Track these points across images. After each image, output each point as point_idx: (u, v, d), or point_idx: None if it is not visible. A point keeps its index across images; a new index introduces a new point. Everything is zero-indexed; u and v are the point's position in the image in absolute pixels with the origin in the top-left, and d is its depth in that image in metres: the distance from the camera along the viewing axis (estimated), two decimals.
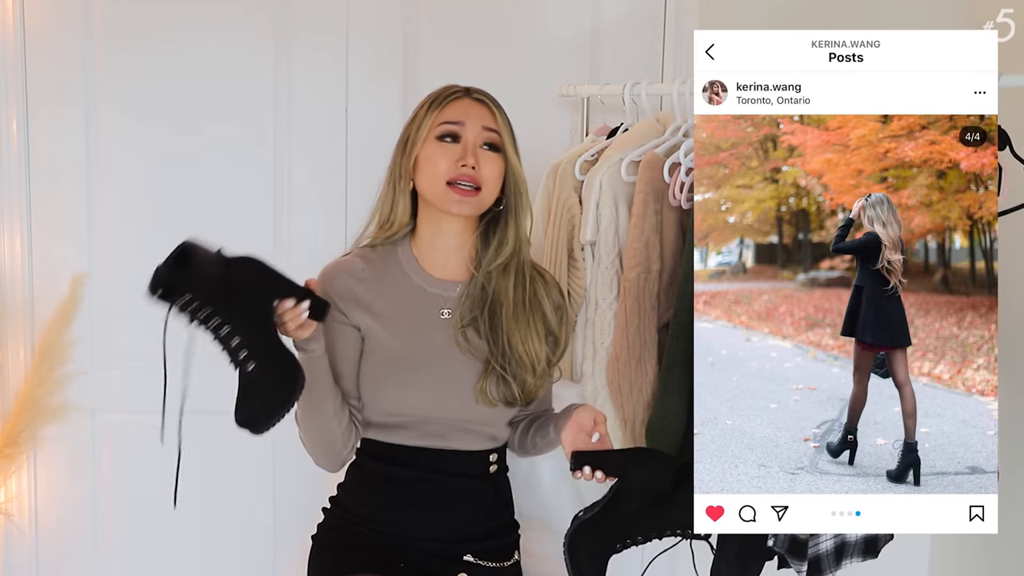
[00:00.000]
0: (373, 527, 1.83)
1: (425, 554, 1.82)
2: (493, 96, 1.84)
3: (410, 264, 1.84)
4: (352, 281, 1.81)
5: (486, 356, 1.79)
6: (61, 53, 2.56)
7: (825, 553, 1.96)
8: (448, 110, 1.79)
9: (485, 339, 1.79)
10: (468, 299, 1.81)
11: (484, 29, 2.61)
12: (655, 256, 2.07)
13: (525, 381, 1.80)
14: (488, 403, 1.78)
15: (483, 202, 1.78)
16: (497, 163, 1.79)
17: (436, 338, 1.80)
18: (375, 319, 1.80)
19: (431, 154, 1.77)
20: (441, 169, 1.76)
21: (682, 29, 2.54)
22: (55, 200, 2.60)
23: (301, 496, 2.05)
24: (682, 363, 2.02)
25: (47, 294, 2.60)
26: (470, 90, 1.83)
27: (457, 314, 1.81)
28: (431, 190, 1.77)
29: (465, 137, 1.78)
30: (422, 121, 1.79)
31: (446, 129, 1.78)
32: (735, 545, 1.95)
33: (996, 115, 1.71)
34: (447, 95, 1.81)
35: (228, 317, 1.55)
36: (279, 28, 2.59)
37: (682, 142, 2.10)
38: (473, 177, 1.75)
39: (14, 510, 2.64)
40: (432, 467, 1.81)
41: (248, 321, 1.57)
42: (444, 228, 1.82)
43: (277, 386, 1.58)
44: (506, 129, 1.81)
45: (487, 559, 1.84)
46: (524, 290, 1.82)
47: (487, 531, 1.85)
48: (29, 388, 2.55)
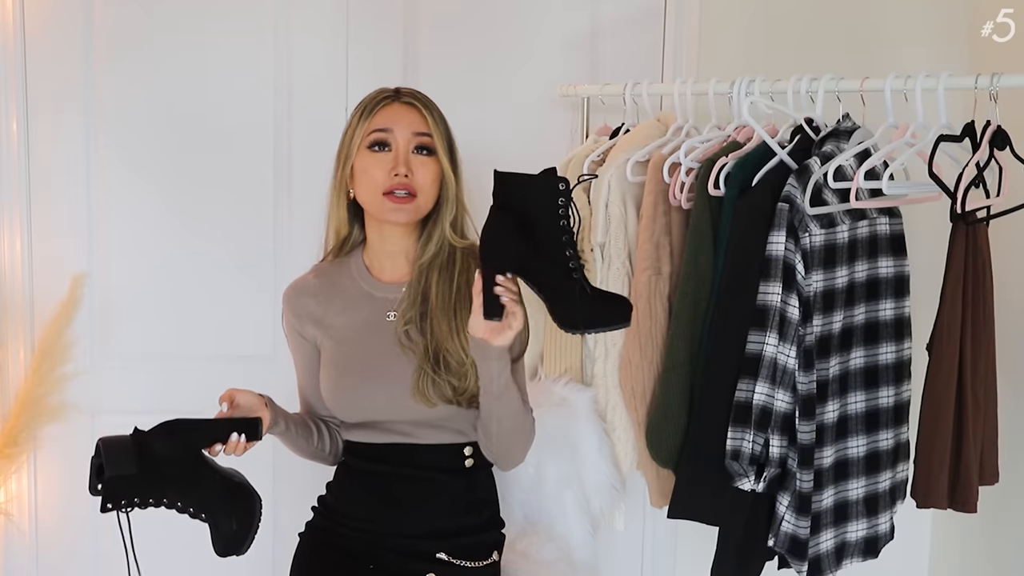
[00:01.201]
0: (349, 524, 1.86)
1: (397, 552, 1.83)
2: (424, 96, 1.83)
3: (360, 272, 1.88)
4: (305, 298, 1.89)
5: (422, 354, 1.79)
6: (61, 53, 2.56)
7: (825, 553, 1.96)
8: (377, 118, 1.79)
9: (421, 336, 1.80)
10: (407, 299, 1.83)
11: (484, 29, 2.61)
12: (665, 258, 2.07)
13: (455, 379, 1.77)
14: (427, 403, 1.78)
15: (420, 208, 1.80)
16: (431, 167, 1.79)
17: (383, 341, 1.83)
18: (327, 330, 1.87)
19: (365, 165, 1.78)
20: (376, 180, 1.77)
21: (682, 29, 2.54)
22: (55, 200, 2.60)
23: (301, 496, 2.05)
24: (682, 363, 2.02)
25: (47, 294, 2.59)
26: (400, 92, 1.83)
27: (400, 314, 1.83)
28: (369, 201, 1.80)
29: (396, 144, 1.78)
30: (354, 131, 1.80)
31: (376, 137, 1.78)
32: (735, 545, 1.95)
33: None
34: (376, 101, 1.80)
35: (166, 495, 1.68)
36: (279, 28, 2.59)
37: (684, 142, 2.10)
38: (407, 185, 1.77)
39: (14, 510, 2.64)
40: (404, 462, 1.83)
41: (183, 488, 1.69)
42: (387, 234, 1.84)
43: (235, 521, 1.72)
44: (438, 130, 1.80)
45: (461, 557, 1.84)
46: (451, 283, 1.82)
47: (460, 527, 1.86)
48: (29, 388, 2.55)
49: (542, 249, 1.63)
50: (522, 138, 2.61)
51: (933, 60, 2.41)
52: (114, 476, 1.63)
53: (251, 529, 1.73)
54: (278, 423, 1.82)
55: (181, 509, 1.69)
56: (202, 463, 1.71)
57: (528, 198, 1.63)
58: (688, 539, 2.61)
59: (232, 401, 1.77)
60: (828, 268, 1.88)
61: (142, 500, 1.66)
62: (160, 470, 1.66)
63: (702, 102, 2.19)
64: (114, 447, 1.65)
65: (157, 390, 2.66)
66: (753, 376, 1.86)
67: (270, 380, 2.61)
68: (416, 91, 1.84)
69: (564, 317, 1.63)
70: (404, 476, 1.83)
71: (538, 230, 1.63)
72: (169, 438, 1.68)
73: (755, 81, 2.07)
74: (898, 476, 2.05)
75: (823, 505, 1.94)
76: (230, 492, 1.73)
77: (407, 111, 1.80)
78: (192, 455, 1.70)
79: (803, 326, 1.85)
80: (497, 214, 1.64)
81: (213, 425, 1.73)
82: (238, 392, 1.77)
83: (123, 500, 1.65)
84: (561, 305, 1.63)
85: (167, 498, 1.67)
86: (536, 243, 1.62)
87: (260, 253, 2.65)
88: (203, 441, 1.71)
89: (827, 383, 1.90)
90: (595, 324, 1.65)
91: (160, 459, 1.66)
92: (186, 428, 1.70)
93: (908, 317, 2.02)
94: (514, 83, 2.61)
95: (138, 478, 1.64)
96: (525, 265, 1.63)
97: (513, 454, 1.85)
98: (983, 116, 1.80)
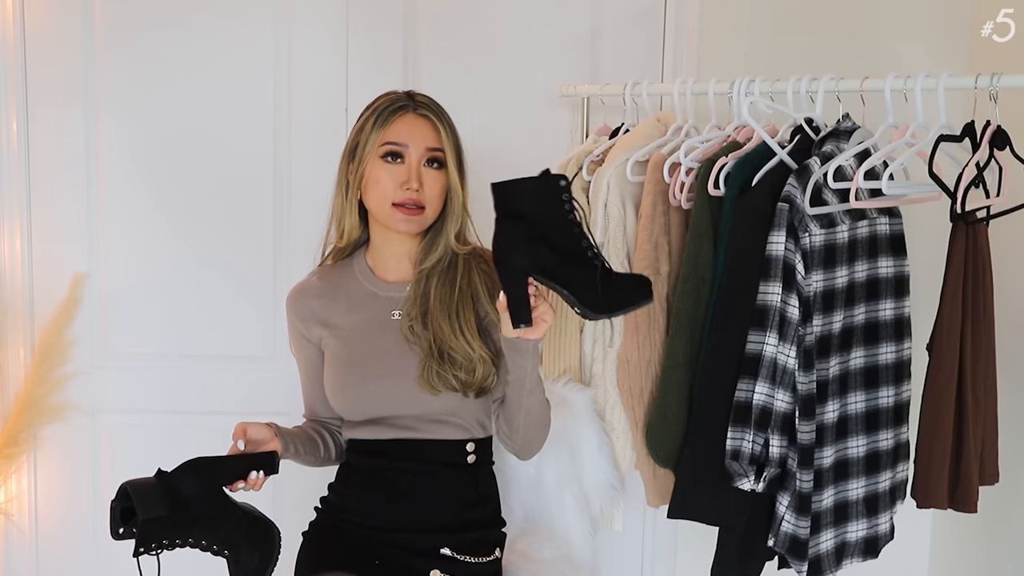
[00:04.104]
0: (353, 521, 1.88)
1: (401, 548, 1.85)
2: (437, 105, 1.85)
3: (363, 272, 1.91)
4: (309, 300, 1.92)
5: (427, 348, 1.83)
6: (61, 53, 2.56)
7: (825, 553, 1.96)
8: (392, 129, 1.80)
9: (425, 333, 1.83)
10: (411, 298, 1.87)
11: (484, 29, 2.61)
12: (664, 257, 2.07)
13: (461, 372, 1.81)
14: (432, 391, 1.81)
15: (427, 219, 1.84)
16: (440, 180, 1.82)
17: (388, 339, 1.86)
18: (331, 330, 1.89)
19: (377, 175, 1.81)
20: (386, 191, 1.80)
21: (682, 29, 2.54)
22: (55, 200, 2.60)
23: (301, 496, 2.06)
24: (682, 363, 2.02)
25: (47, 294, 2.60)
26: (414, 99, 1.84)
27: (404, 313, 1.86)
28: (378, 209, 1.83)
29: (408, 158, 1.81)
30: (368, 137, 1.81)
31: (389, 149, 1.81)
32: (735, 545, 1.95)
33: None
34: (391, 110, 1.81)
35: (192, 535, 1.70)
36: (279, 28, 2.59)
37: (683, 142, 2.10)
38: (417, 199, 1.80)
39: (14, 510, 2.64)
40: (408, 457, 1.85)
41: (208, 526, 1.71)
42: (392, 237, 1.87)
43: (257, 556, 1.75)
44: (450, 143, 1.83)
45: (464, 553, 1.86)
46: (453, 284, 1.85)
47: (464, 522, 1.88)
48: (29, 388, 2.55)
49: (557, 247, 1.65)
50: (522, 138, 2.61)
51: (933, 60, 2.41)
52: (147, 519, 1.64)
53: (272, 562, 1.77)
54: (288, 449, 1.85)
55: (206, 547, 1.72)
56: (225, 501, 1.74)
57: (532, 203, 1.65)
58: (688, 539, 2.61)
59: (245, 435, 1.79)
60: (828, 268, 1.88)
61: (170, 541, 1.68)
62: (187, 510, 1.68)
63: (702, 102, 2.19)
64: (144, 490, 1.66)
65: (157, 390, 2.67)
66: (753, 376, 1.86)
67: (270, 380, 2.63)
68: (430, 100, 1.85)
69: (591, 305, 1.65)
70: (409, 471, 1.85)
71: (549, 230, 1.65)
72: (194, 477, 1.70)
73: (755, 81, 2.07)
74: (898, 476, 2.05)
75: (823, 505, 1.94)
76: (251, 526, 1.76)
77: (421, 124, 1.81)
78: (215, 493, 1.72)
79: (803, 326, 1.85)
80: (504, 225, 1.65)
81: (235, 462, 1.75)
82: (249, 426, 1.80)
83: (153, 543, 1.67)
84: (585, 295, 1.65)
85: (192, 537, 1.70)
86: (550, 243, 1.65)
87: (260, 253, 2.65)
88: (226, 479, 1.74)
89: (827, 383, 1.90)
90: (621, 306, 1.67)
91: (187, 499, 1.68)
92: (209, 467, 1.72)
93: (908, 317, 2.02)
94: (514, 83, 2.61)
95: (168, 520, 1.66)
96: (544, 267, 1.65)
97: (537, 443, 1.91)
98: (983, 116, 1.80)
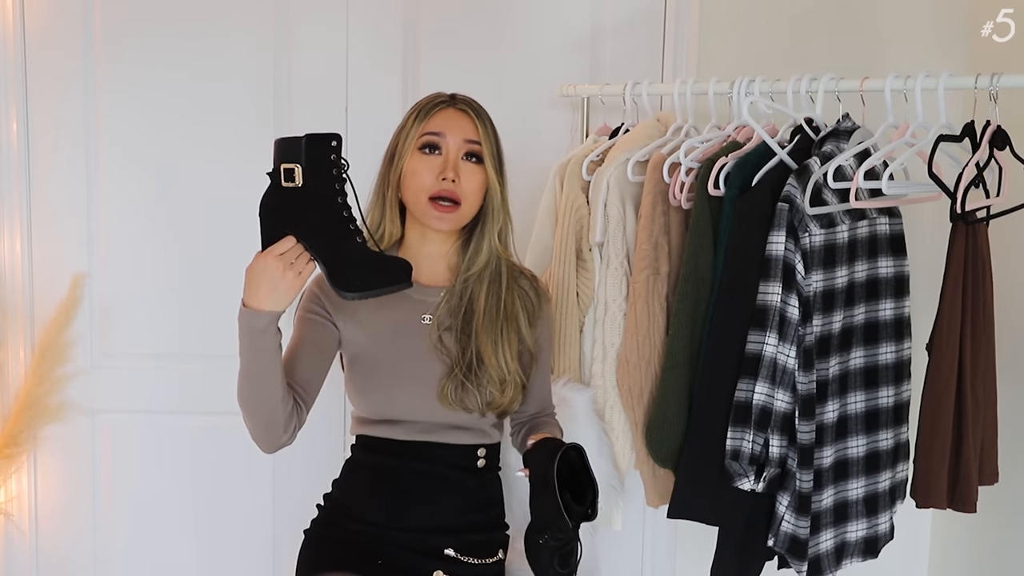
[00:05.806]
0: (357, 519, 1.86)
1: (404, 548, 1.83)
2: (478, 105, 1.84)
3: None
4: None
5: (456, 360, 1.81)
6: (61, 53, 2.56)
7: (825, 553, 1.96)
8: (431, 121, 1.80)
9: (459, 344, 1.82)
10: (446, 305, 1.84)
11: (484, 29, 2.61)
12: (663, 258, 2.07)
13: (490, 392, 1.80)
14: (449, 408, 1.80)
15: (463, 216, 1.81)
16: (478, 175, 1.80)
17: (417, 343, 1.83)
18: (359, 327, 1.84)
19: (415, 167, 1.79)
20: (423, 183, 1.78)
21: (682, 29, 2.54)
22: (55, 200, 2.60)
23: (301, 496, 2.06)
24: (682, 363, 2.02)
25: (47, 294, 2.59)
26: (455, 98, 1.84)
27: (436, 319, 1.84)
28: (414, 204, 1.81)
29: (446, 149, 1.79)
30: (408, 132, 1.81)
31: (427, 140, 1.79)
32: (735, 545, 1.95)
33: None
34: (432, 105, 1.81)
35: None
36: (279, 28, 2.59)
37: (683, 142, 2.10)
38: (453, 192, 1.77)
39: (14, 510, 2.64)
40: (420, 458, 1.84)
41: None
42: (429, 236, 1.85)
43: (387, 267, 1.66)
44: (488, 140, 1.81)
45: (468, 554, 1.86)
46: (499, 300, 1.84)
47: (470, 524, 1.87)
48: (29, 388, 2.55)
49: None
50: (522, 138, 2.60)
51: (933, 60, 2.41)
52: None
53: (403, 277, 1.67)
54: None
55: None
56: None
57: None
58: (688, 539, 2.61)
59: None
60: (828, 268, 1.88)
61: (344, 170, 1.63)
62: None
63: (702, 102, 2.19)
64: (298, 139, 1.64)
65: (157, 390, 2.67)
66: (753, 376, 1.86)
67: None
68: (471, 99, 1.85)
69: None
70: (418, 471, 1.84)
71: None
72: None
73: (755, 81, 2.07)
74: (898, 476, 2.05)
75: (823, 505, 1.94)
76: None
77: (460, 117, 1.81)
78: None
79: (803, 326, 1.85)
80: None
81: None
82: None
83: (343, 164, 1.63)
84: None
85: None
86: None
87: None
88: None
89: (827, 383, 1.90)
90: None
91: None
92: None
93: (908, 317, 2.02)
94: (514, 83, 2.61)
95: None
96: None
97: None
98: (983, 116, 1.80)
